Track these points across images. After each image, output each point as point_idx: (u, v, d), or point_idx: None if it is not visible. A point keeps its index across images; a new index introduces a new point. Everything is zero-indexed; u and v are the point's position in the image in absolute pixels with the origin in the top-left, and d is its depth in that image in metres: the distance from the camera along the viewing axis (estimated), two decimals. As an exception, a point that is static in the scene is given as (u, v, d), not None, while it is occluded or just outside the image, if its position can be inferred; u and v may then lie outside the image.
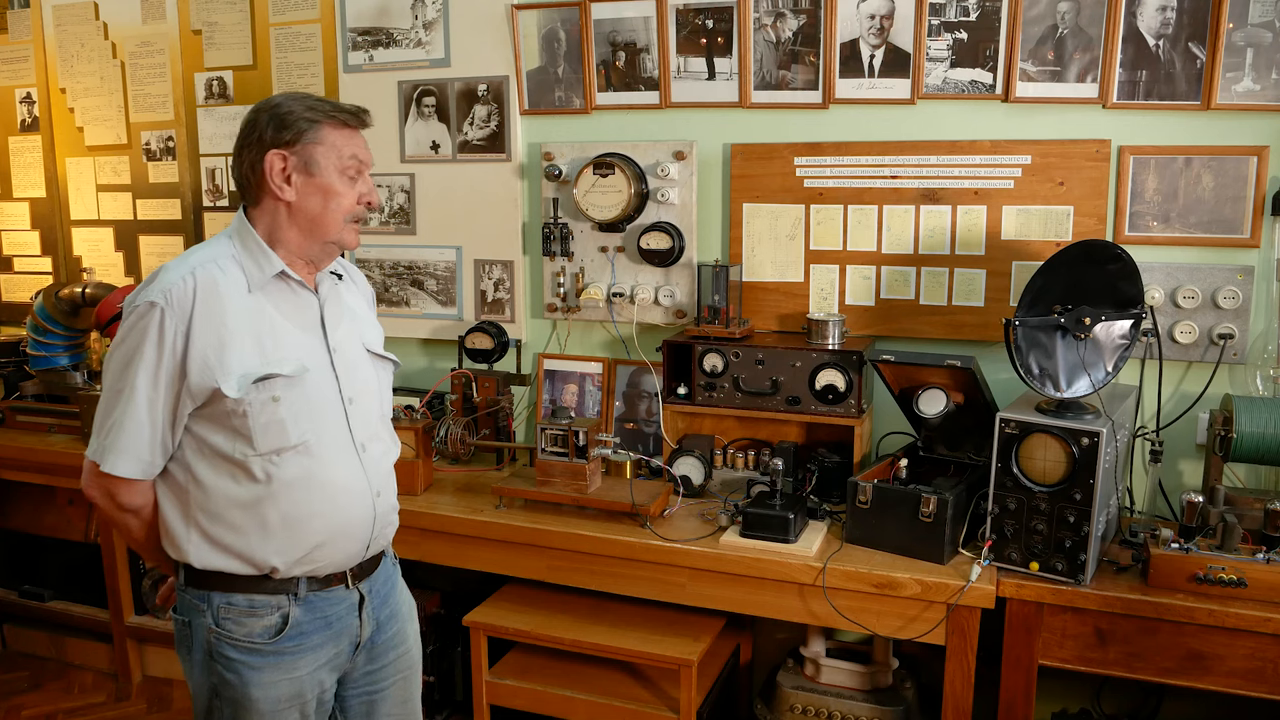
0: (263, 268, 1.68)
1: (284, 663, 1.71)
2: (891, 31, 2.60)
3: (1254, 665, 2.02)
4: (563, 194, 2.96)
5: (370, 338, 1.86)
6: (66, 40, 3.66)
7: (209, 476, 1.66)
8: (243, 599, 1.69)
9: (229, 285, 1.64)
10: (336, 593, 1.76)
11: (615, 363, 3.03)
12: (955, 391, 2.42)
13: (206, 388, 1.60)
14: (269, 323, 1.67)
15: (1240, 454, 2.25)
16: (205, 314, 1.61)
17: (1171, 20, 2.40)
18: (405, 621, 1.94)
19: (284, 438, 1.64)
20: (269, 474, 1.65)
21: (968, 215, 2.61)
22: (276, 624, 1.70)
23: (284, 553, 1.68)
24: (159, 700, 3.29)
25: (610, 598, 2.57)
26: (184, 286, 1.60)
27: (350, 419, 1.75)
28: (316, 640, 1.74)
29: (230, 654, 1.69)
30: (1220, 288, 2.44)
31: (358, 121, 1.72)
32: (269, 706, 1.70)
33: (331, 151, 1.67)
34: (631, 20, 2.84)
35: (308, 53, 3.30)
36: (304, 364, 1.68)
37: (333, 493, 1.70)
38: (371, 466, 1.78)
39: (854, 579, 2.22)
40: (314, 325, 1.73)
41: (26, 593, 3.55)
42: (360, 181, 1.72)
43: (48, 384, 3.45)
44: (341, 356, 1.75)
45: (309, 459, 1.67)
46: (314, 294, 1.75)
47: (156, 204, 3.65)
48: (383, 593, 1.88)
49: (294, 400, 1.65)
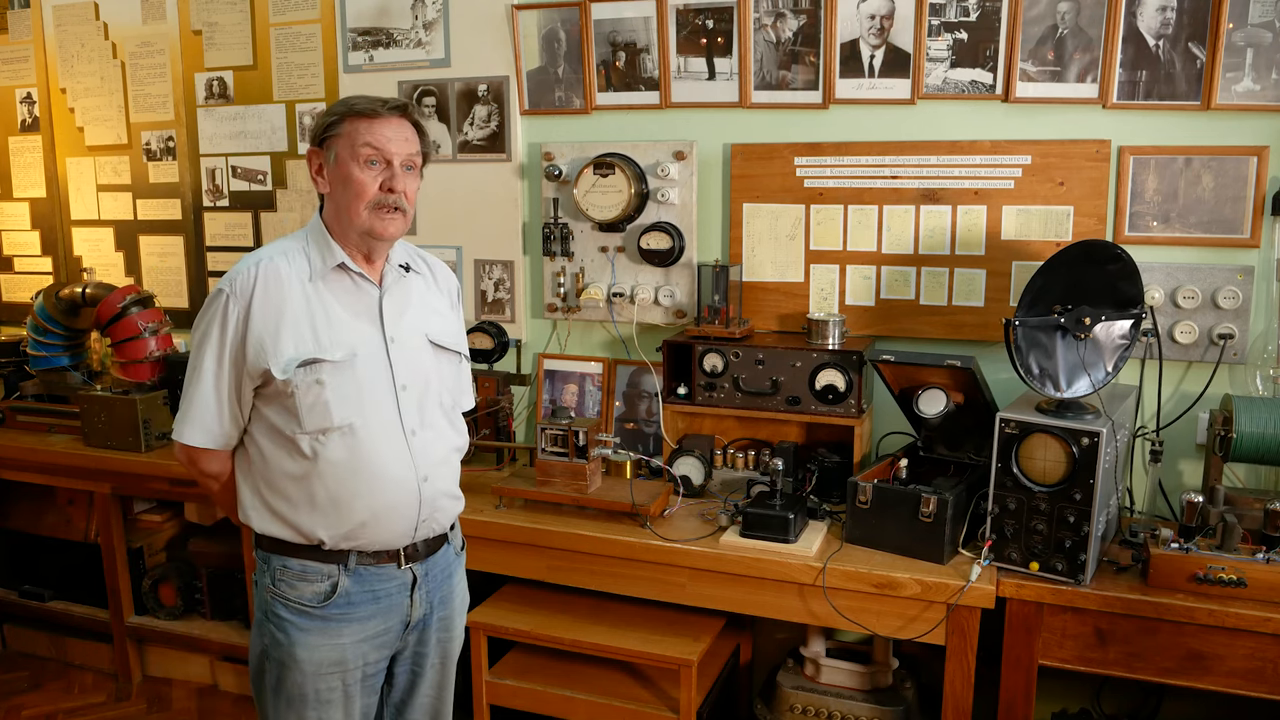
0: (325, 259, 1.79)
1: (330, 628, 1.80)
2: (891, 31, 2.60)
3: (1254, 665, 2.02)
4: (563, 194, 2.96)
5: (436, 330, 1.91)
6: (67, 40, 3.66)
7: (269, 449, 1.79)
8: (296, 564, 1.80)
9: (292, 275, 1.77)
10: (388, 570, 1.84)
11: (615, 363, 3.03)
12: (955, 391, 2.42)
13: (260, 368, 1.73)
14: (325, 310, 1.77)
15: (1240, 454, 2.25)
16: (264, 301, 1.74)
17: (1171, 20, 2.40)
18: (455, 612, 2.01)
19: (328, 419, 1.74)
20: (315, 452, 1.75)
21: (968, 215, 2.61)
22: (326, 591, 1.80)
23: (330, 527, 1.77)
24: (159, 700, 3.29)
25: (610, 598, 2.57)
26: (248, 276, 1.75)
27: (401, 405, 1.81)
28: (364, 612, 1.82)
29: (282, 613, 1.80)
30: (1220, 288, 2.44)
31: (383, 110, 1.75)
32: (311, 669, 1.79)
33: (348, 141, 1.75)
34: (631, 20, 2.84)
35: (308, 53, 3.30)
36: (355, 350, 1.77)
37: (376, 474, 1.78)
38: (420, 452, 1.83)
39: (854, 579, 2.22)
40: (372, 315, 1.82)
41: (26, 593, 3.55)
42: (383, 169, 1.75)
43: (48, 384, 3.45)
44: (399, 346, 1.82)
45: (354, 440, 1.76)
46: (375, 285, 1.83)
47: (157, 204, 3.65)
48: (438, 578, 1.94)
49: (340, 384, 1.75)
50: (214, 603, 3.31)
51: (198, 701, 3.27)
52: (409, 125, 1.80)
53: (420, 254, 1.99)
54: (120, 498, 3.22)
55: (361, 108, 1.75)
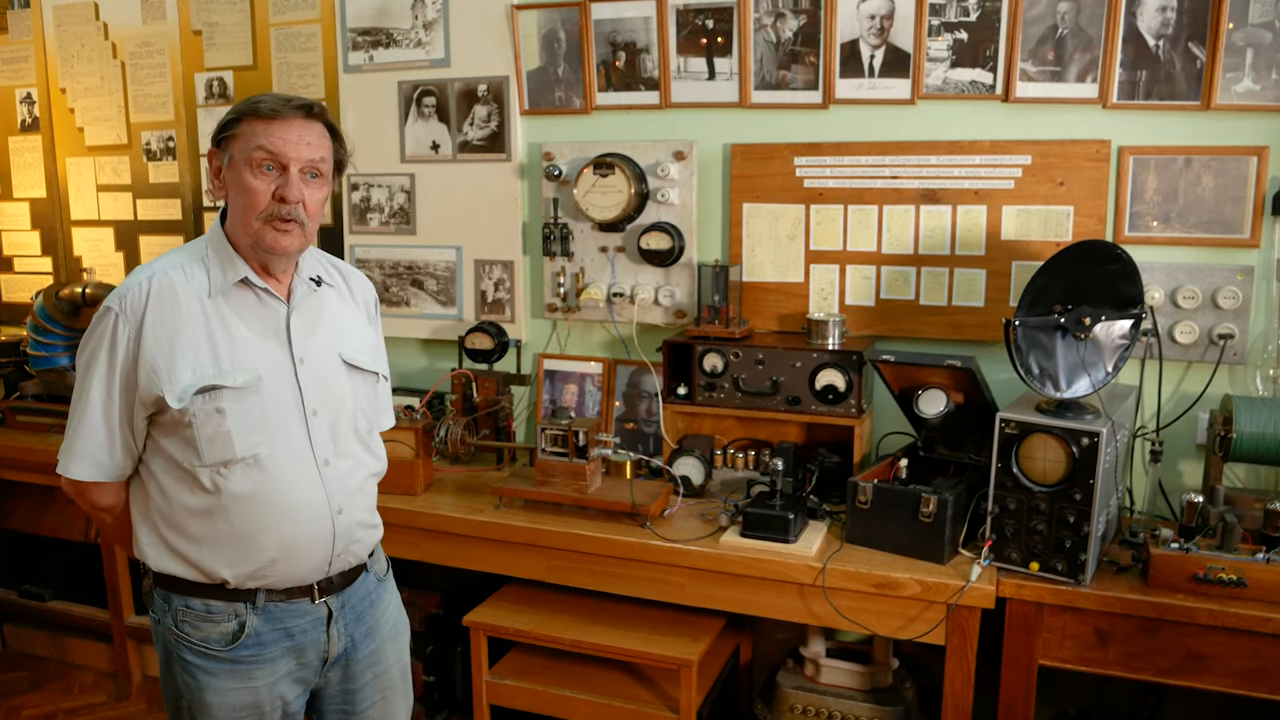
0: (226, 273, 1.64)
1: (240, 671, 1.67)
2: (891, 32, 2.60)
3: (1254, 665, 2.02)
4: (563, 194, 2.96)
5: (351, 348, 1.77)
6: (67, 40, 3.66)
7: (167, 483, 1.64)
8: (199, 604, 1.67)
9: (188, 291, 1.61)
10: (300, 605, 1.71)
11: (615, 363, 3.03)
12: (955, 391, 2.42)
13: (153, 395, 1.58)
14: (226, 330, 1.62)
15: (1240, 454, 2.25)
16: (157, 320, 1.58)
17: (1171, 20, 2.40)
18: (385, 641, 1.86)
19: (230, 450, 1.60)
20: (217, 485, 1.61)
21: (968, 215, 2.61)
22: (233, 631, 1.66)
23: (234, 565, 1.64)
24: (159, 700, 3.28)
25: (610, 598, 2.57)
26: (139, 292, 1.58)
27: (312, 432, 1.68)
28: (275, 651, 1.69)
29: (188, 657, 1.67)
30: (1220, 288, 2.44)
31: (284, 109, 1.58)
32: (224, 714, 1.67)
33: (243, 143, 1.58)
34: (631, 20, 2.84)
35: (308, 53, 3.30)
36: (259, 374, 1.62)
37: (286, 508, 1.64)
38: (334, 482, 1.70)
39: (854, 579, 2.22)
40: (279, 334, 1.67)
41: (26, 593, 3.55)
42: (278, 175, 1.58)
43: (48, 384, 3.45)
44: (308, 367, 1.68)
45: (259, 472, 1.62)
46: (283, 301, 1.68)
47: (157, 204, 3.65)
48: (359, 609, 1.80)
49: (244, 412, 1.60)
50: (214, 603, 3.31)
51: (198, 701, 3.27)
52: (317, 126, 1.62)
53: (334, 263, 1.84)
54: (120, 498, 3.22)
55: (262, 108, 1.57)
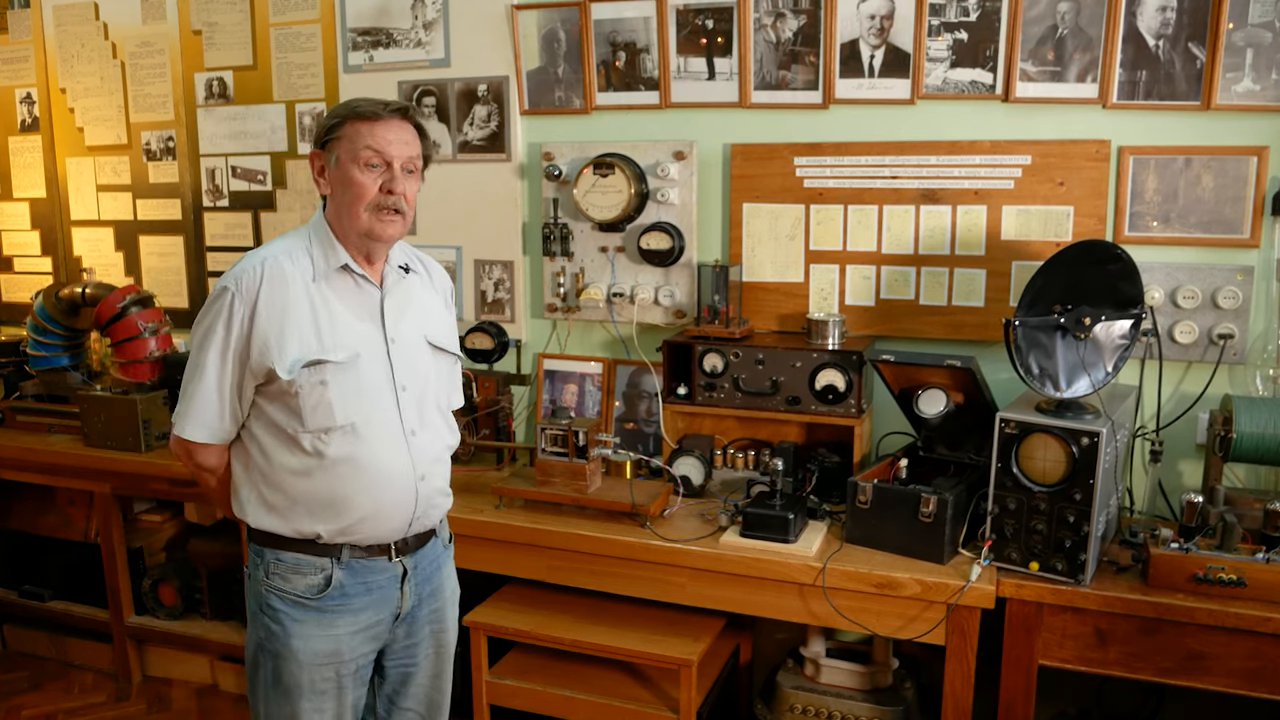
0: (328, 259, 1.81)
1: (325, 619, 1.82)
2: (891, 32, 2.60)
3: (1254, 665, 2.02)
4: (563, 194, 2.96)
5: (434, 331, 1.94)
6: (66, 40, 3.66)
7: (270, 446, 1.80)
8: (290, 557, 1.82)
9: (295, 275, 1.78)
10: (379, 563, 1.86)
11: (615, 363, 3.03)
12: (955, 391, 2.42)
13: (264, 367, 1.74)
14: (329, 311, 1.79)
15: (1240, 454, 2.25)
16: (269, 300, 1.75)
17: (1171, 20, 2.40)
18: (446, 603, 2.03)
19: (331, 418, 1.76)
20: (318, 450, 1.77)
21: (968, 215, 2.61)
22: (320, 583, 1.82)
23: (328, 522, 1.80)
24: (159, 700, 3.29)
25: (610, 598, 2.57)
26: (253, 274, 1.75)
27: (401, 405, 1.84)
28: (358, 604, 1.84)
29: (276, 605, 1.82)
30: (1220, 288, 2.44)
31: (384, 112, 1.76)
32: (307, 659, 1.81)
33: (348, 144, 1.76)
34: (631, 20, 2.84)
35: (308, 53, 3.30)
36: (357, 351, 1.79)
37: (376, 472, 1.80)
38: (419, 451, 1.86)
39: (854, 579, 2.22)
40: (374, 315, 1.84)
41: (26, 593, 3.55)
42: (383, 171, 1.76)
43: (48, 384, 3.45)
44: (399, 346, 1.85)
45: (356, 439, 1.78)
46: (377, 287, 1.85)
47: (156, 204, 3.65)
48: (427, 571, 1.96)
49: (343, 384, 1.77)
50: (214, 603, 3.31)
51: (198, 701, 3.27)
52: (410, 127, 1.81)
53: (417, 255, 2.02)
54: (120, 498, 3.22)
55: (363, 110, 1.76)
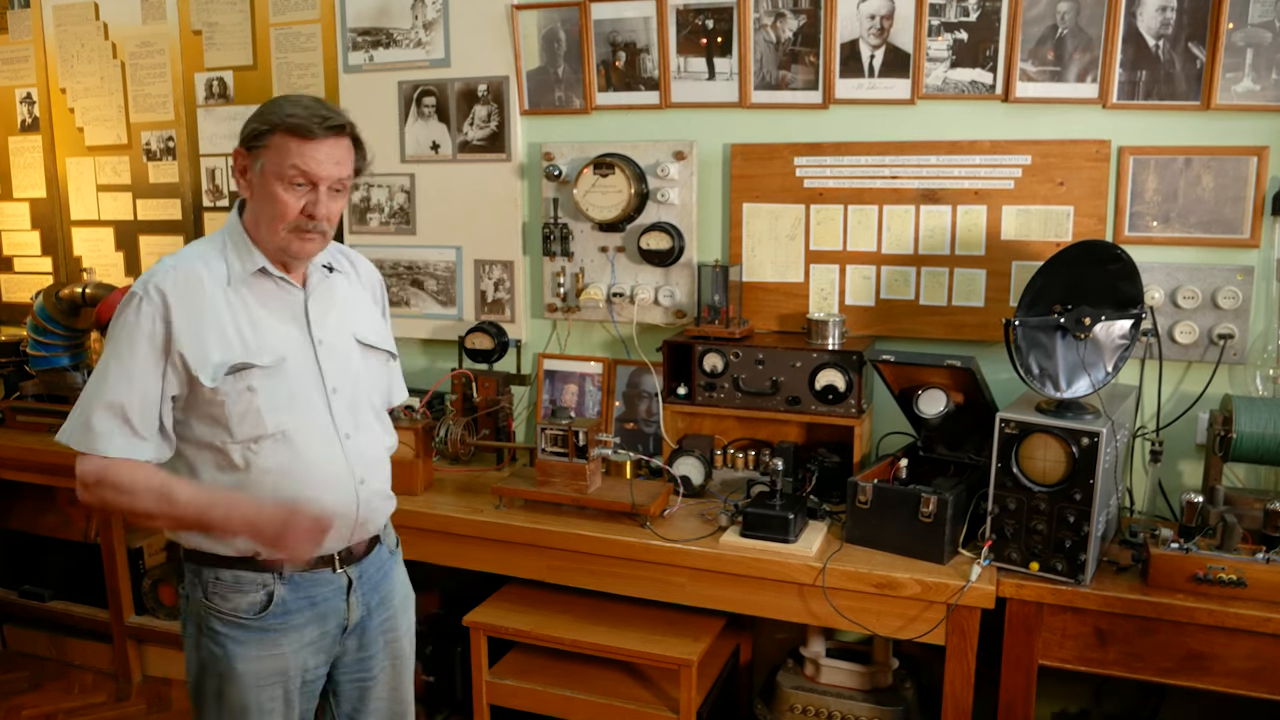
0: (244, 263, 1.73)
1: (268, 639, 1.75)
2: (891, 32, 2.60)
3: (1254, 665, 2.02)
4: (563, 194, 2.96)
5: (363, 329, 1.88)
6: (66, 40, 3.66)
7: (198, 462, 1.72)
8: (229, 575, 1.74)
9: (211, 279, 1.70)
10: (324, 575, 1.80)
11: (615, 363, 3.03)
12: (955, 391, 2.42)
13: (185, 376, 1.66)
14: (249, 315, 1.71)
15: (1240, 454, 2.25)
16: (183, 306, 1.66)
17: (1171, 20, 2.40)
18: (397, 611, 1.96)
19: (260, 426, 1.69)
20: (248, 461, 1.70)
21: (968, 215, 2.61)
22: (262, 601, 1.75)
23: None
24: (159, 700, 3.29)
25: (610, 598, 2.57)
26: (163, 279, 1.67)
27: (333, 408, 1.78)
28: (301, 619, 1.78)
29: (218, 628, 1.75)
30: (1220, 288, 2.44)
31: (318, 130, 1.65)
32: (253, 681, 1.75)
33: (275, 156, 1.66)
34: (631, 20, 2.83)
35: (308, 53, 3.30)
36: (283, 355, 1.72)
37: (313, 480, 1.74)
38: (355, 455, 1.80)
39: (854, 579, 2.22)
40: (297, 317, 1.77)
41: (26, 593, 3.55)
42: (308, 192, 1.67)
43: (48, 384, 3.45)
44: (326, 348, 1.78)
45: (287, 447, 1.72)
46: (299, 288, 1.78)
47: (156, 204, 3.65)
48: (374, 579, 1.90)
49: (271, 390, 1.70)
50: (214, 603, 3.31)
51: (198, 701, 3.27)
52: (345, 144, 1.70)
53: (342, 250, 1.93)
54: (120, 498, 3.22)
55: (296, 125, 1.63)
